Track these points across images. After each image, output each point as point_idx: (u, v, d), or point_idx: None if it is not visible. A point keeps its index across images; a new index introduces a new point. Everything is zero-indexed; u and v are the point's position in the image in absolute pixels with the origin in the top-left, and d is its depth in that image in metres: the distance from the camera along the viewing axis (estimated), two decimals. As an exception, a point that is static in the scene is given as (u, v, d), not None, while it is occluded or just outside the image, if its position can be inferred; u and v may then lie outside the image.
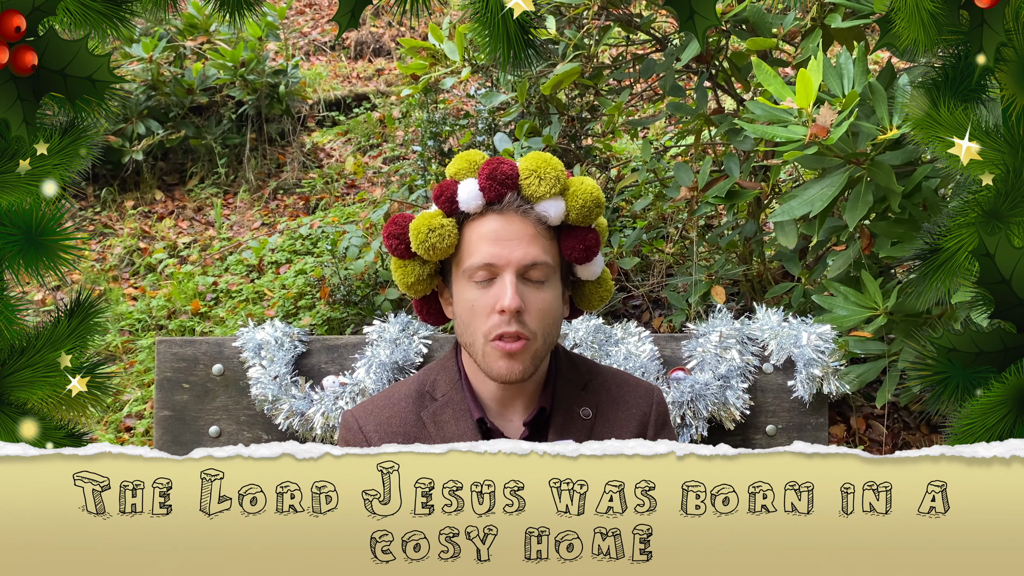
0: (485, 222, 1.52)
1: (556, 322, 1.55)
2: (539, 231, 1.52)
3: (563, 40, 3.30)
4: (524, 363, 1.49)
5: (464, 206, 1.52)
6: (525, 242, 1.50)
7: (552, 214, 1.52)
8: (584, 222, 1.56)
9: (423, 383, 1.64)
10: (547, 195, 1.51)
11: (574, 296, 1.67)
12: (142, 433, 4.04)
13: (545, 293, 1.52)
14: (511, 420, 1.59)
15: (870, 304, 2.35)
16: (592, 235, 1.57)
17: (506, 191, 1.51)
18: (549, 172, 1.51)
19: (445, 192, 1.54)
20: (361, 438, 1.59)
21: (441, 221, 1.53)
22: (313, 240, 5.39)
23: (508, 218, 1.51)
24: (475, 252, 1.50)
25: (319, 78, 7.51)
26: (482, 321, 1.49)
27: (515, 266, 1.48)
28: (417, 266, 1.58)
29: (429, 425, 1.58)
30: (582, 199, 1.53)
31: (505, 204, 1.51)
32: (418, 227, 1.53)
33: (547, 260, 1.51)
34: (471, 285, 1.51)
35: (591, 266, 1.61)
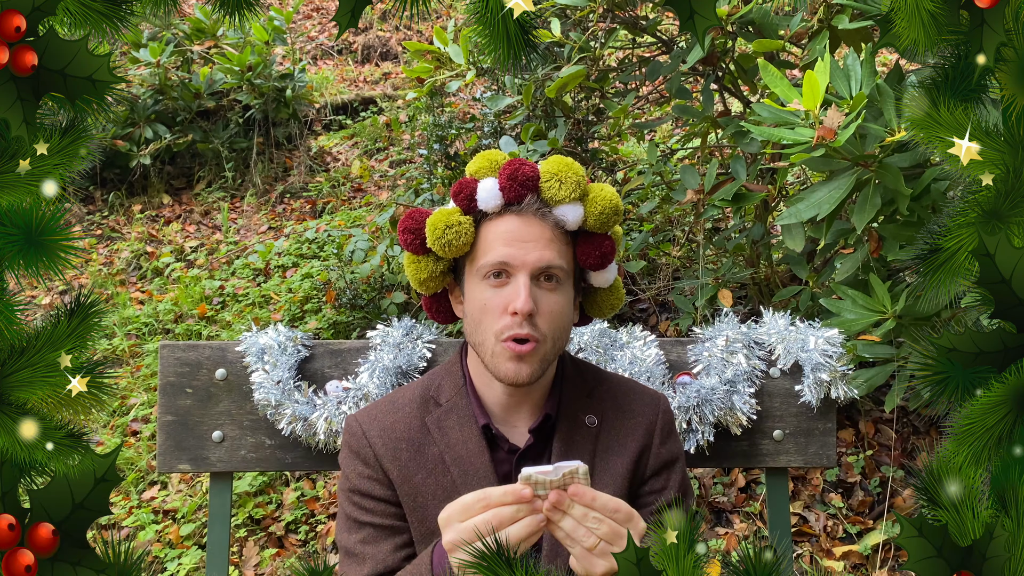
0: (502, 222, 1.51)
1: (566, 327, 1.54)
2: (556, 235, 1.51)
3: (568, 43, 3.30)
4: (532, 366, 1.48)
5: (483, 205, 1.52)
6: (541, 245, 1.49)
7: (570, 219, 1.52)
8: (602, 229, 1.55)
9: (428, 388, 1.63)
10: (567, 199, 1.51)
11: (584, 303, 1.67)
12: (148, 437, 4.05)
13: (557, 297, 1.51)
14: (516, 426, 1.58)
15: (878, 308, 2.33)
16: (608, 242, 1.56)
17: (526, 192, 1.50)
18: (570, 176, 1.51)
19: (464, 189, 1.53)
20: (365, 443, 1.58)
21: (459, 218, 1.52)
22: (319, 244, 5.41)
23: (526, 220, 1.51)
24: (490, 251, 1.50)
25: (326, 82, 7.53)
26: (493, 321, 1.48)
27: (530, 268, 1.47)
28: (431, 262, 1.58)
29: (433, 430, 1.57)
30: (601, 206, 1.53)
31: (524, 206, 1.51)
32: (435, 223, 1.52)
33: (562, 264, 1.50)
34: (484, 284, 1.50)
35: (605, 273, 1.60)
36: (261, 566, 3.32)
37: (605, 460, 1.57)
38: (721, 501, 3.36)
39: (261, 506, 3.61)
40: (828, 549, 3.12)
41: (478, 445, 1.55)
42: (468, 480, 1.52)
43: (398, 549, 1.54)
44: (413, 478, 1.55)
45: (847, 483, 3.36)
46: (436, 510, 1.52)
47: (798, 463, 1.93)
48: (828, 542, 3.15)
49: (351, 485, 1.58)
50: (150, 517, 3.59)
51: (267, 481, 3.71)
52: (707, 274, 3.39)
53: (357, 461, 1.58)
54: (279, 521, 3.53)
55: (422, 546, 1.54)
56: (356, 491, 1.58)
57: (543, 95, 3.72)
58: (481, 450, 1.54)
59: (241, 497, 3.61)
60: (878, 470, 3.37)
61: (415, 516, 1.54)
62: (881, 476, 3.33)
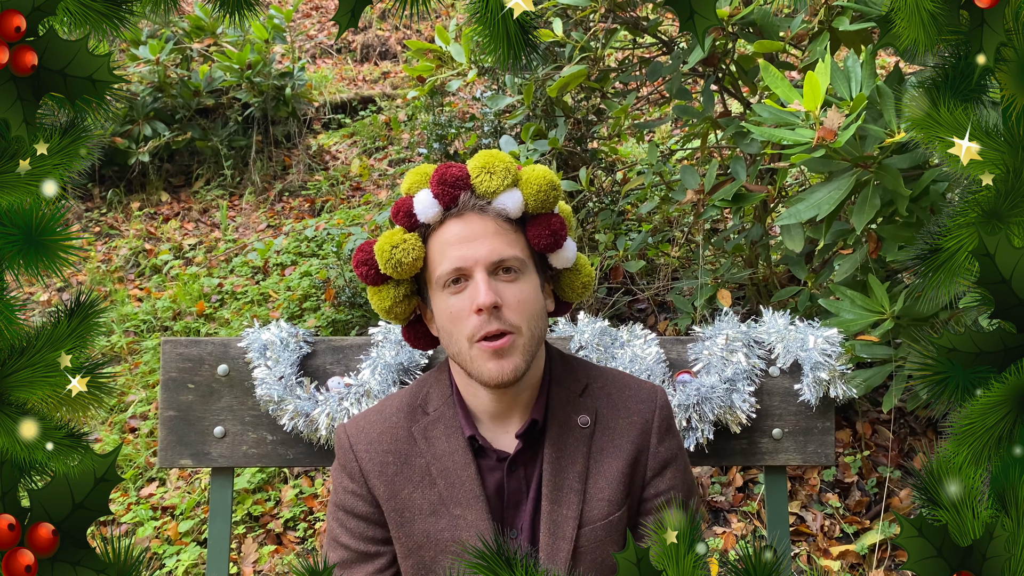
0: (446, 229, 1.51)
1: (539, 314, 1.52)
2: (501, 226, 1.50)
3: (569, 43, 3.30)
4: (515, 360, 1.46)
5: (422, 217, 1.51)
6: (489, 239, 1.48)
7: (510, 206, 1.51)
8: (544, 208, 1.54)
9: (416, 396, 1.62)
10: (500, 188, 1.50)
11: (556, 288, 1.65)
12: (147, 434, 4.05)
13: (521, 285, 1.49)
14: (507, 432, 1.56)
15: (877, 308, 2.34)
16: (556, 220, 1.55)
17: (459, 192, 1.50)
18: (498, 166, 1.50)
19: (402, 208, 1.53)
20: (352, 458, 1.58)
21: (403, 236, 1.52)
22: (318, 242, 5.41)
23: (468, 220, 1.50)
24: (443, 260, 1.49)
25: (325, 81, 7.53)
26: (463, 325, 1.47)
27: (484, 263, 1.46)
28: (391, 288, 1.57)
29: (420, 440, 1.56)
30: (536, 185, 1.51)
31: (461, 206, 1.50)
32: (381, 247, 1.52)
33: (515, 253, 1.49)
34: (446, 294, 1.49)
35: (563, 252, 1.58)
36: (260, 563, 3.32)
37: (600, 463, 1.55)
38: (719, 500, 3.36)
39: (260, 503, 3.61)
40: (825, 549, 3.12)
41: (464, 457, 1.54)
42: (455, 492, 1.52)
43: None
44: (400, 492, 1.54)
45: (844, 483, 3.36)
46: (423, 524, 1.53)
47: (797, 461, 1.93)
48: (825, 542, 3.16)
49: (337, 500, 1.60)
50: (149, 514, 3.59)
51: (266, 478, 3.71)
52: (706, 274, 3.39)
53: (343, 475, 1.59)
54: (277, 518, 3.54)
55: (409, 560, 1.54)
56: (341, 507, 1.59)
57: (543, 95, 3.72)
58: (467, 462, 1.53)
59: (240, 494, 3.62)
60: (875, 470, 3.37)
61: (402, 531, 1.54)
62: (878, 476, 3.33)
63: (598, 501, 1.53)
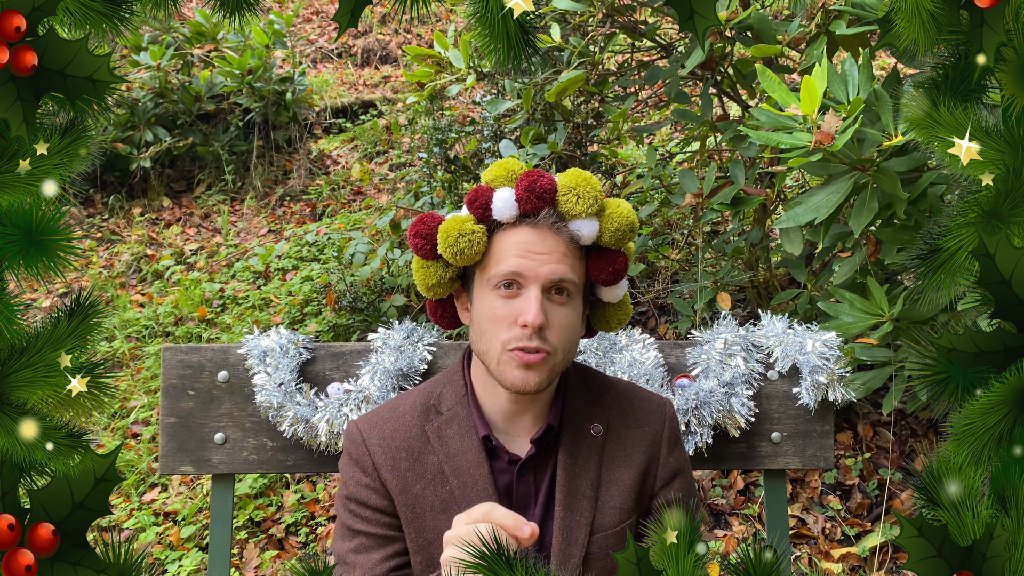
0: (516, 232, 1.49)
1: (575, 340, 1.52)
2: (569, 249, 1.49)
3: (568, 47, 3.30)
4: (541, 376, 1.46)
5: (497, 215, 1.50)
6: (555, 258, 1.47)
7: (585, 233, 1.50)
8: (616, 245, 1.54)
9: (429, 395, 1.62)
10: (583, 214, 1.49)
11: (591, 316, 1.65)
12: (148, 439, 4.05)
13: (568, 311, 1.49)
14: (518, 436, 1.57)
15: (876, 311, 2.34)
16: (622, 259, 1.55)
17: (543, 205, 1.48)
18: (588, 191, 1.48)
19: (480, 198, 1.51)
20: (364, 452, 1.57)
21: (472, 227, 1.50)
22: (319, 247, 5.41)
23: (540, 232, 1.48)
24: (503, 261, 1.48)
25: (326, 85, 7.54)
26: (502, 331, 1.46)
27: (542, 281, 1.45)
28: (440, 268, 1.56)
29: (433, 439, 1.56)
30: (617, 222, 1.51)
31: (540, 218, 1.48)
32: (448, 230, 1.50)
33: (574, 279, 1.49)
34: (494, 294, 1.48)
35: (615, 289, 1.59)
36: (261, 568, 3.31)
37: (612, 471, 1.56)
38: (720, 503, 3.36)
39: (261, 508, 3.60)
40: (826, 551, 3.12)
41: (478, 456, 1.53)
42: (467, 491, 1.52)
43: (387, 559, 1.54)
44: (412, 488, 1.54)
45: (845, 486, 3.36)
46: (434, 520, 1.52)
47: (796, 465, 1.93)
48: (826, 544, 3.15)
49: (348, 492, 1.58)
50: (150, 519, 3.59)
51: (267, 483, 3.71)
52: (706, 277, 3.39)
53: (356, 469, 1.57)
54: (279, 523, 3.53)
55: (418, 556, 1.53)
56: (353, 499, 1.57)
57: (543, 99, 3.73)
58: (481, 461, 1.53)
59: (241, 499, 3.61)
60: (876, 473, 3.37)
61: (412, 527, 1.54)
62: (879, 479, 3.33)
63: (610, 509, 1.54)
